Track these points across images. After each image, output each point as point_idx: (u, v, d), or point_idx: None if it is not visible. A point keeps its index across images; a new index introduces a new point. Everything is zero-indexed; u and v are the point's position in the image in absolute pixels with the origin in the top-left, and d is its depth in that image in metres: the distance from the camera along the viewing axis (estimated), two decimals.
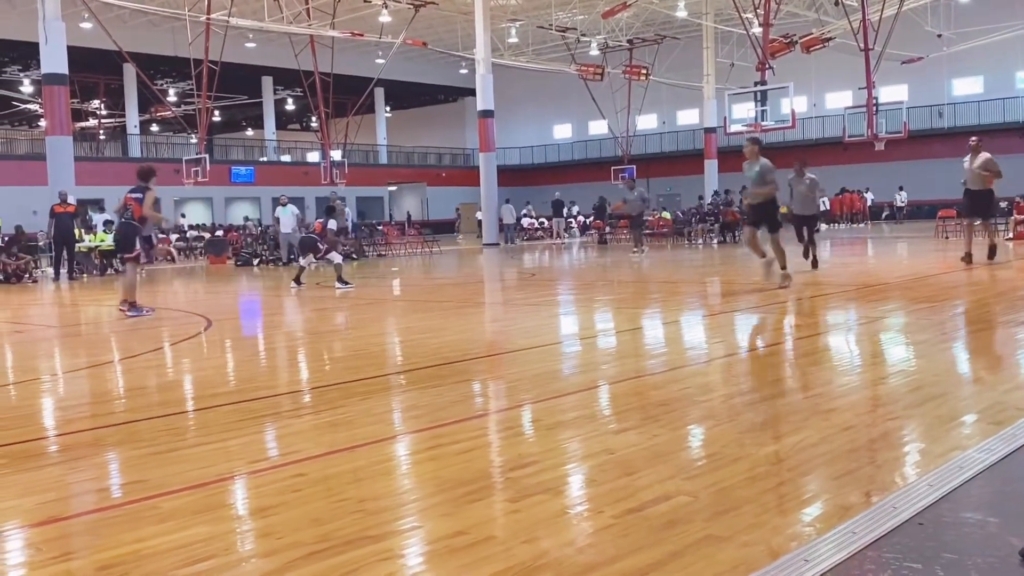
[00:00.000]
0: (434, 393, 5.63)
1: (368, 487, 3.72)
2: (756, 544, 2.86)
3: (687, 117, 48.00)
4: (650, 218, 29.15)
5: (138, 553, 2.98)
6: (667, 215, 31.33)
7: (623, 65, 39.75)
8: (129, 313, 10.90)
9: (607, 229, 32.17)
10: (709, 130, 41.64)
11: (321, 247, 14.90)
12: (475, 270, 21.11)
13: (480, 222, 35.68)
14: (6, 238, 21.45)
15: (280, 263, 23.55)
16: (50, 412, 5.76)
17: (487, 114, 32.52)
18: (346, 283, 14.46)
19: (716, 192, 35.22)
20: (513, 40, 37.82)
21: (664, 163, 47.71)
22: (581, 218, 39.61)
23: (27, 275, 20.20)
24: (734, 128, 28.94)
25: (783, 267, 11.34)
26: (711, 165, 41.91)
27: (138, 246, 11.32)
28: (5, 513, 3.54)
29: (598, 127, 47.11)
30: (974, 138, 13.82)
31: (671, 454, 4.02)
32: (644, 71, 39.62)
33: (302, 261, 15.62)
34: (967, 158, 13.51)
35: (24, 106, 45.19)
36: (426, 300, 12.62)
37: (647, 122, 47.64)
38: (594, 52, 39.83)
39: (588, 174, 48.24)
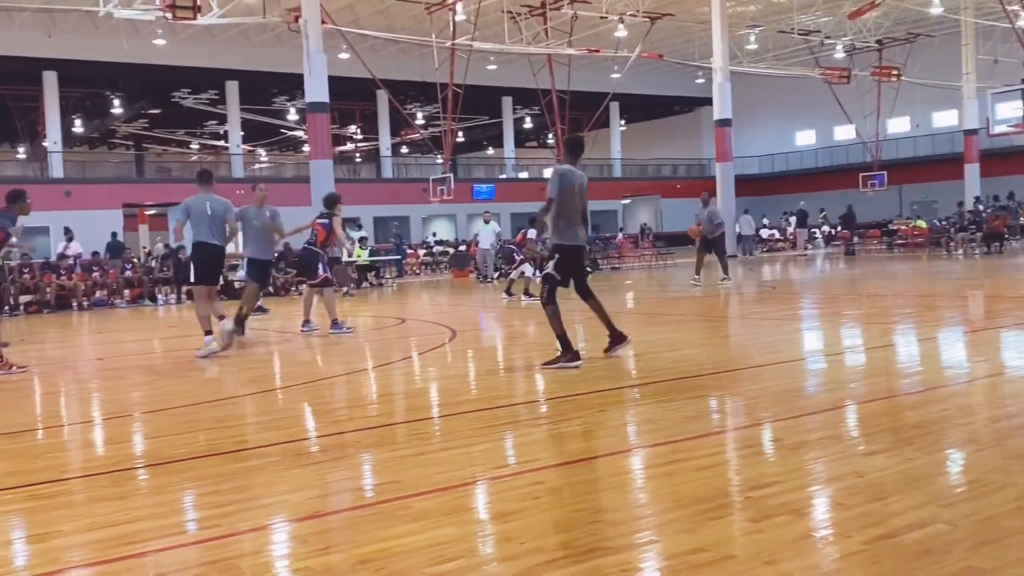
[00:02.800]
0: (671, 407, 5.59)
1: (606, 498, 3.75)
2: None
3: (944, 119, 44.79)
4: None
5: (391, 550, 3.17)
6: (922, 223, 29.37)
7: (871, 67, 37.73)
8: (331, 331, 11.25)
9: (855, 239, 30.59)
10: (969, 132, 38.65)
11: (516, 257, 15.05)
12: (711, 283, 20.73)
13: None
14: (276, 255, 23.44)
15: (481, 280, 24.22)
16: (313, 415, 6.24)
17: (724, 123, 31.88)
18: (531, 295, 14.64)
19: (978, 198, 32.60)
20: (752, 46, 36.88)
21: (918, 168, 44.72)
22: (826, 228, 37.91)
23: (293, 288, 21.96)
24: (998, 129, 26.70)
25: None
26: (971, 170, 38.86)
27: (321, 271, 11.54)
28: (276, 507, 3.88)
29: (844, 132, 44.96)
30: None
31: (927, 479, 3.77)
32: (895, 72, 37.42)
33: (513, 274, 16.08)
34: None
35: (290, 133, 49.26)
36: (661, 313, 12.54)
37: (898, 125, 44.91)
38: (839, 54, 38.08)
39: (833, 181, 46.07)
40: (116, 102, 41.86)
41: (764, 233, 37.00)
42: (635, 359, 8.00)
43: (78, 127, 44.45)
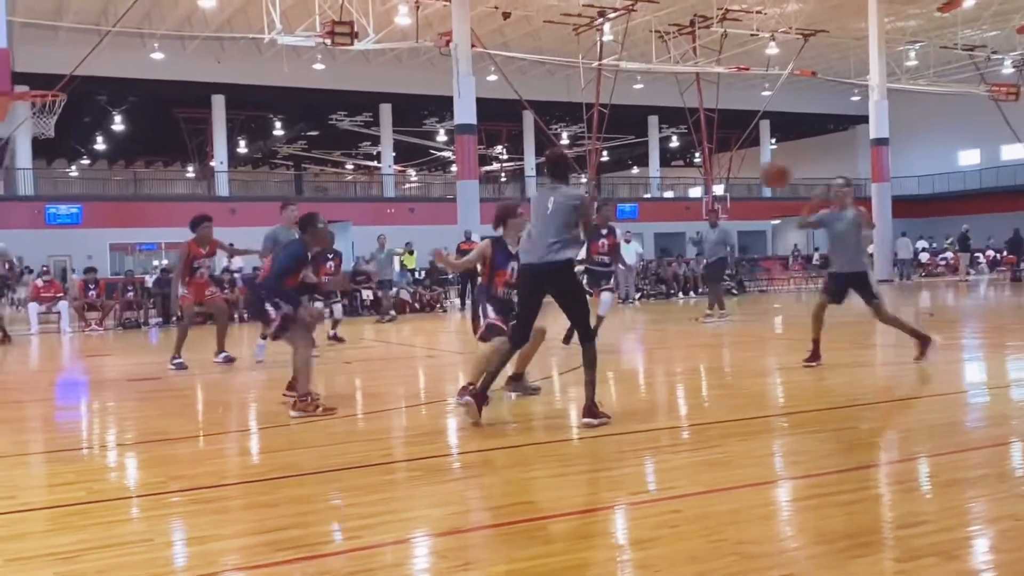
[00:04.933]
0: (817, 439, 5.43)
1: (746, 530, 3.68)
2: None
3: None
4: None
5: (527, 570, 3.22)
6: None
7: None
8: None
9: (1022, 265, 28.80)
10: None
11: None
12: (863, 309, 19.94)
13: (871, 256, 33.66)
14: (423, 272, 24.05)
15: (620, 301, 23.69)
16: (453, 431, 6.36)
17: (881, 142, 30.68)
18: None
19: None
20: (911, 63, 35.37)
21: None
22: (991, 252, 35.84)
23: (438, 305, 22.46)
24: None
25: None
26: None
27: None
28: (417, 521, 3.99)
29: (1012, 152, 42.43)
30: None
31: None
32: None
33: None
34: None
35: (439, 153, 50.51)
36: (809, 339, 12.15)
37: None
38: (1008, 70, 36.02)
39: (999, 204, 43.52)
40: (277, 124, 44.02)
41: (923, 257, 35.30)
42: (782, 386, 7.80)
43: (242, 148, 47.00)
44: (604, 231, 11.13)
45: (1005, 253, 32.42)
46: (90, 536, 3.83)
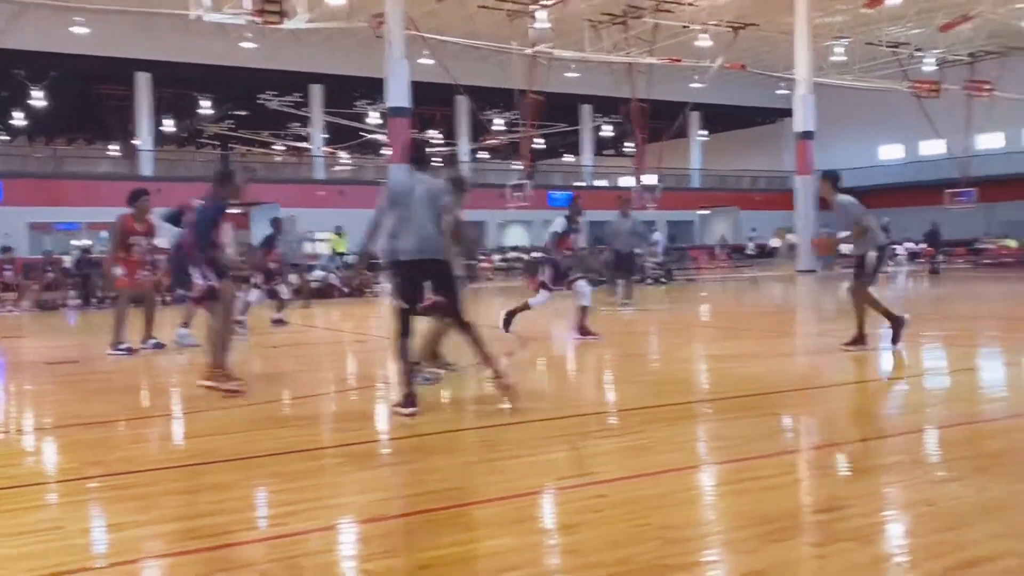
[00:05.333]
0: (741, 425, 5.52)
1: (670, 514, 3.72)
2: None
3: None
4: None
5: (452, 556, 3.20)
6: (1012, 243, 28.39)
7: (963, 81, 36.65)
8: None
9: (940, 257, 29.74)
10: None
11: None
12: (789, 298, 20.39)
13: (791, 247, 34.40)
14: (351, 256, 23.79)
15: None
16: (383, 417, 6.31)
17: (806, 135, 31.30)
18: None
19: None
20: (838, 58, 36.15)
21: (1010, 185, 43.26)
22: (910, 245, 36.91)
23: (368, 290, 22.27)
24: None
25: None
26: None
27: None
28: (344, 508, 3.95)
29: (931, 147, 43.73)
30: None
31: (1004, 511, 3.65)
32: (988, 87, 36.28)
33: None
34: None
35: (370, 136, 50.00)
36: (735, 327, 12.37)
37: (991, 141, 43.51)
38: (930, 67, 37.08)
39: (919, 197, 44.79)
40: (205, 103, 43.02)
41: (844, 248, 36.18)
42: (707, 373, 7.91)
43: (168, 126, 45.83)
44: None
45: (924, 246, 33.41)
46: (1, 523, 3.70)
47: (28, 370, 9.00)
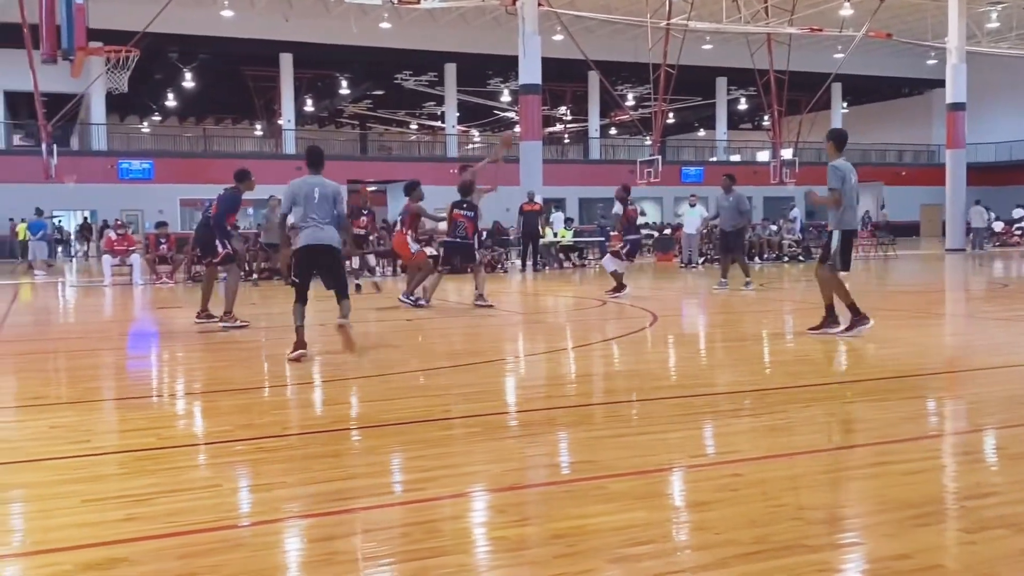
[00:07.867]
0: (882, 407, 5.33)
1: (807, 496, 3.65)
2: None
3: None
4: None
5: (585, 528, 3.23)
6: None
7: None
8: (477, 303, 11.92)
9: None
10: None
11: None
12: (935, 277, 19.47)
13: (944, 224, 32.77)
14: (484, 233, 24.09)
15: (683, 265, 23.20)
16: (513, 390, 6.40)
17: (958, 107, 29.73)
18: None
19: None
20: (993, 24, 34.08)
21: None
22: None
23: (499, 266, 22.50)
24: None
25: None
26: None
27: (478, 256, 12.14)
28: (477, 476, 4.03)
29: None
30: None
31: None
32: None
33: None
34: None
35: (502, 114, 50.29)
36: (876, 308, 11.90)
37: None
38: None
39: None
40: (344, 83, 44.21)
41: (997, 226, 34.23)
42: (846, 354, 7.67)
43: (309, 107, 47.32)
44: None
45: None
46: (160, 480, 3.95)
47: (181, 338, 9.51)
